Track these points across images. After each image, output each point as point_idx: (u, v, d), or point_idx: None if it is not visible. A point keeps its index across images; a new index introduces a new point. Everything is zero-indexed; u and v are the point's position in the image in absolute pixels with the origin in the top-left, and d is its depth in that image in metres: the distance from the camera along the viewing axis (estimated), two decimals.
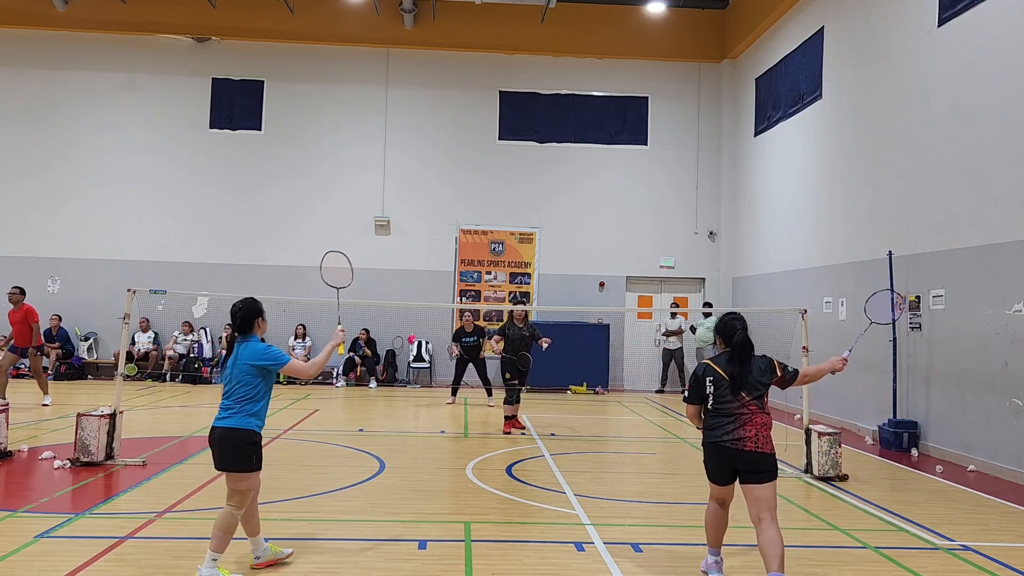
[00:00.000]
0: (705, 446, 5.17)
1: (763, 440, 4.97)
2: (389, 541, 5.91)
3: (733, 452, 4.96)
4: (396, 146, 18.52)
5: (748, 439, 4.94)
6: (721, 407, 5.05)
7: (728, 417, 5.01)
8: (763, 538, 4.86)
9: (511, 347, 11.53)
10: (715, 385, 5.10)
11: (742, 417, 4.99)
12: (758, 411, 5.03)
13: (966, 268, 9.78)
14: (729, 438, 4.97)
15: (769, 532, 4.85)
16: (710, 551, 5.34)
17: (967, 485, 8.53)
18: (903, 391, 10.98)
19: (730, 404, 5.03)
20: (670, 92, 18.88)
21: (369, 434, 10.95)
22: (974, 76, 9.82)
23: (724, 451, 4.99)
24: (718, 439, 5.02)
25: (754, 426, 4.98)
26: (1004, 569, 5.58)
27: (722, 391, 5.06)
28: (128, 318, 8.74)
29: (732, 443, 4.95)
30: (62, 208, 17.88)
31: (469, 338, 14.54)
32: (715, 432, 5.05)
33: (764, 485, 4.92)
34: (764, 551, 4.85)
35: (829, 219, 13.64)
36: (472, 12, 18.04)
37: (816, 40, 14.32)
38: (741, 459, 4.96)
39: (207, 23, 18.06)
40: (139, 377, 16.77)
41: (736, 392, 5.02)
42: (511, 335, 11.57)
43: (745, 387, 5.03)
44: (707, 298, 18.60)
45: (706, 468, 5.23)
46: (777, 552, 4.79)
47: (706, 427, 5.15)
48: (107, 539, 5.65)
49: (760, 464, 4.94)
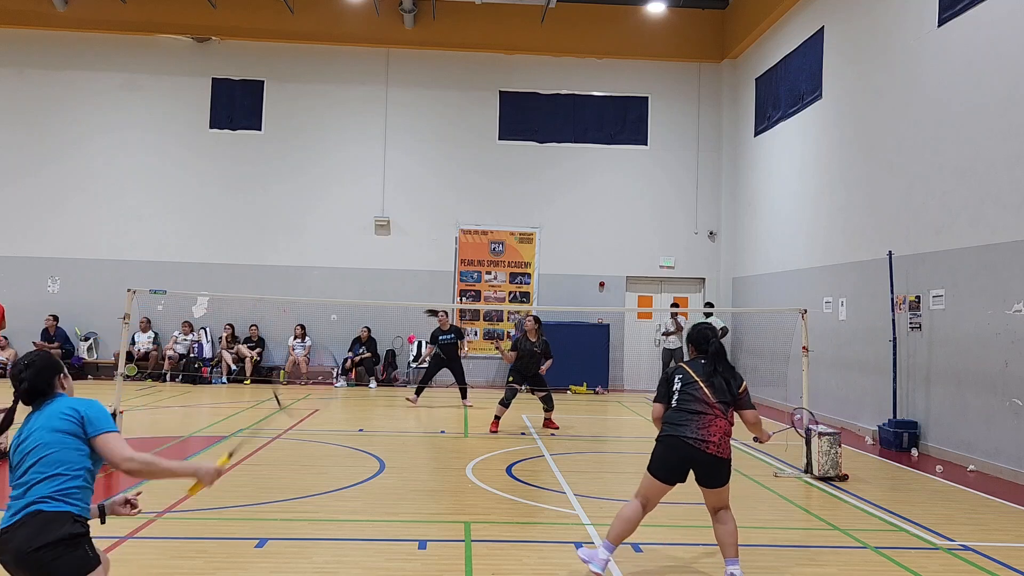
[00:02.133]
0: (663, 439, 5.07)
1: (725, 446, 5.00)
2: (389, 541, 5.90)
3: (695, 451, 4.94)
4: (396, 146, 18.52)
5: (711, 442, 4.95)
6: (687, 405, 5.04)
7: (693, 415, 5.01)
8: (723, 529, 5.03)
9: (522, 362, 11.54)
10: (683, 383, 5.11)
11: (706, 418, 5.00)
12: (722, 416, 5.03)
13: (966, 268, 9.77)
14: (693, 436, 4.95)
15: (728, 523, 5.04)
16: (606, 544, 5.09)
17: (967, 485, 8.53)
18: (903, 391, 10.98)
19: (696, 404, 5.03)
20: (670, 92, 18.88)
21: (369, 434, 10.95)
22: (974, 76, 9.82)
23: (685, 447, 4.95)
24: (681, 434, 4.97)
25: (718, 430, 4.99)
26: (1004, 569, 5.58)
27: (689, 389, 5.07)
28: (128, 318, 8.74)
29: (695, 442, 4.94)
30: (62, 208, 17.88)
31: (446, 336, 14.09)
32: (678, 427, 5.00)
33: (723, 488, 5.05)
34: (723, 540, 5.02)
35: (829, 219, 13.64)
36: (472, 12, 18.04)
37: (816, 40, 14.32)
38: (701, 460, 4.96)
39: (207, 23, 18.06)
40: (139, 377, 16.77)
41: (704, 393, 5.04)
42: (522, 350, 11.59)
43: (714, 390, 5.05)
44: (707, 298, 18.59)
45: (656, 463, 5.09)
46: (735, 541, 5.02)
47: (668, 421, 5.09)
48: (107, 539, 5.64)
49: (717, 467, 4.98)
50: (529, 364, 11.47)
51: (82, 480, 3.20)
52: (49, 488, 3.04)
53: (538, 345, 11.55)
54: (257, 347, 17.55)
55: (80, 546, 3.07)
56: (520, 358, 11.53)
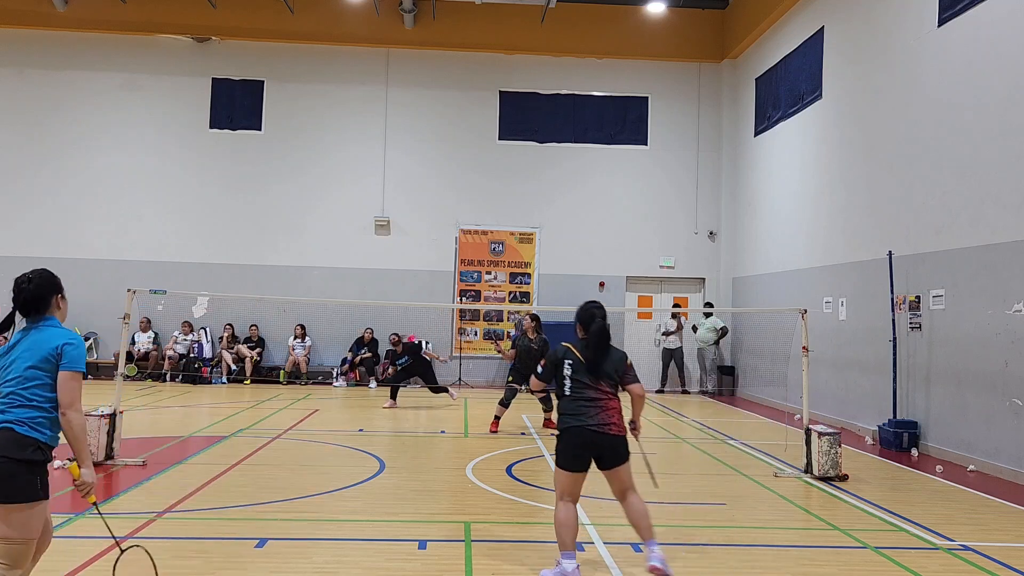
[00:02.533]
0: (567, 431, 5.18)
1: (622, 425, 5.22)
2: (389, 541, 5.91)
3: (600, 436, 5.11)
4: (396, 146, 18.52)
5: (613, 424, 5.15)
6: (581, 393, 5.19)
7: (590, 403, 5.17)
8: (635, 511, 5.16)
9: (521, 362, 11.57)
10: (573, 369, 5.25)
11: (601, 402, 5.18)
12: (614, 396, 5.26)
13: (966, 268, 9.77)
14: (595, 423, 5.11)
15: (638, 505, 5.19)
16: (566, 555, 5.00)
17: (967, 485, 8.53)
18: (903, 391, 10.98)
19: (589, 390, 5.19)
20: (670, 92, 18.88)
21: (369, 434, 10.95)
22: (974, 76, 9.82)
23: (589, 434, 5.10)
24: (583, 424, 5.11)
25: (615, 411, 5.21)
26: (1004, 569, 5.58)
27: (580, 376, 5.22)
28: (128, 318, 8.74)
29: (599, 427, 5.11)
30: (62, 208, 17.88)
31: (401, 360, 13.87)
32: (580, 417, 5.14)
33: (625, 465, 5.20)
34: (638, 523, 5.12)
35: (829, 219, 13.64)
36: (472, 12, 18.04)
37: (816, 40, 14.32)
38: (607, 443, 5.13)
39: (207, 23, 18.06)
40: (139, 377, 16.77)
41: (596, 378, 5.21)
42: (520, 347, 11.64)
43: (602, 375, 5.23)
44: (707, 298, 18.60)
45: (563, 456, 5.17)
46: (649, 522, 5.16)
47: (567, 412, 5.21)
48: (107, 539, 5.63)
49: (620, 447, 5.17)
50: (528, 363, 11.48)
51: (51, 412, 3.54)
52: (24, 415, 3.42)
53: (536, 343, 11.57)
54: (257, 347, 17.56)
55: (36, 472, 3.43)
56: (519, 357, 11.57)
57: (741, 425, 13.00)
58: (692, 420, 13.42)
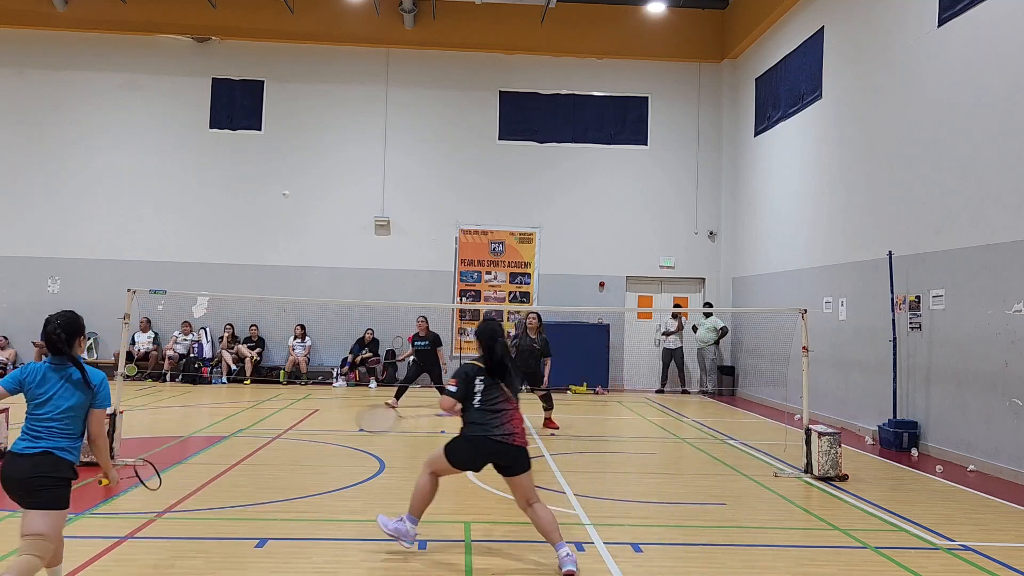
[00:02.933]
0: (471, 439, 5.43)
1: (524, 436, 5.49)
2: (389, 541, 5.90)
3: (503, 447, 5.36)
4: (396, 146, 18.52)
5: (516, 435, 5.41)
6: (491, 405, 5.44)
7: (497, 414, 5.42)
8: (542, 518, 5.32)
9: (521, 358, 11.50)
10: (485, 384, 5.49)
11: (508, 414, 5.46)
12: (517, 408, 5.54)
13: (966, 268, 9.77)
14: (500, 433, 5.37)
15: (544, 513, 5.35)
16: (411, 519, 5.51)
17: (967, 485, 8.52)
18: (903, 391, 10.98)
19: (499, 403, 5.46)
20: (670, 92, 18.88)
21: (369, 434, 10.94)
22: (974, 76, 9.82)
23: (493, 444, 5.36)
24: (488, 433, 5.37)
25: (519, 422, 5.49)
26: (1004, 569, 5.58)
27: (491, 391, 5.49)
28: (128, 318, 8.73)
29: (503, 437, 5.37)
30: (62, 208, 17.88)
31: (421, 342, 13.69)
32: (485, 427, 5.39)
33: (528, 474, 5.42)
34: (545, 529, 5.29)
35: (829, 219, 13.64)
36: (472, 12, 18.04)
37: (816, 40, 14.32)
38: (509, 453, 5.38)
39: (207, 23, 18.06)
40: (139, 377, 16.77)
41: (503, 391, 5.50)
42: (521, 345, 11.59)
43: (511, 388, 5.53)
44: (707, 298, 18.60)
45: (457, 456, 5.47)
46: (556, 526, 5.31)
47: (474, 422, 5.44)
48: (107, 539, 5.65)
49: (522, 456, 5.41)
50: (528, 361, 11.46)
51: (79, 439, 4.40)
52: (64, 442, 4.28)
53: (538, 342, 11.54)
54: (257, 347, 17.56)
55: (66, 487, 4.29)
56: (519, 356, 11.53)
57: (741, 425, 12.99)
58: (692, 420, 13.42)
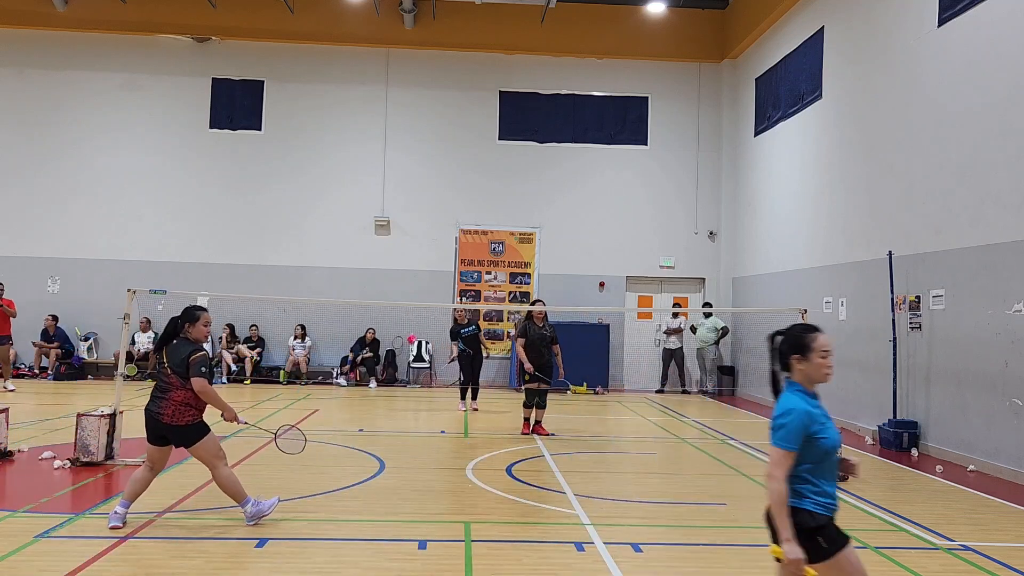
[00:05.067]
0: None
1: (172, 415, 6.04)
2: (389, 541, 5.91)
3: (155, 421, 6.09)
4: (396, 146, 18.52)
5: (164, 413, 6.03)
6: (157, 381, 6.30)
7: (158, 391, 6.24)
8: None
9: (533, 348, 11.09)
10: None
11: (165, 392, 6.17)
12: (179, 388, 6.08)
13: (966, 268, 9.78)
14: (154, 408, 6.08)
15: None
16: (124, 503, 6.01)
17: (967, 485, 8.53)
18: (903, 391, 10.98)
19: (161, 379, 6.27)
20: (670, 92, 18.88)
21: (369, 434, 10.95)
22: (974, 76, 9.82)
23: (148, 416, 6.09)
24: (147, 406, 6.14)
25: (173, 402, 6.05)
26: (1004, 569, 5.58)
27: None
28: (128, 318, 8.74)
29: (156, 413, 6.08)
30: (62, 208, 17.88)
31: (467, 329, 13.65)
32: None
33: (168, 448, 6.21)
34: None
35: (829, 219, 13.65)
36: (472, 12, 18.04)
37: (816, 40, 14.32)
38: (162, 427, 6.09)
39: (207, 23, 18.06)
40: (139, 377, 16.74)
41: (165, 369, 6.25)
42: (532, 335, 11.16)
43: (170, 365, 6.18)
44: (707, 298, 18.60)
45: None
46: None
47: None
48: (107, 539, 5.65)
49: (170, 434, 6.09)
50: (540, 350, 11.12)
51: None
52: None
53: (547, 329, 11.29)
54: (257, 347, 17.56)
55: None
56: (530, 345, 11.11)
57: (741, 425, 13.00)
58: (692, 420, 13.42)
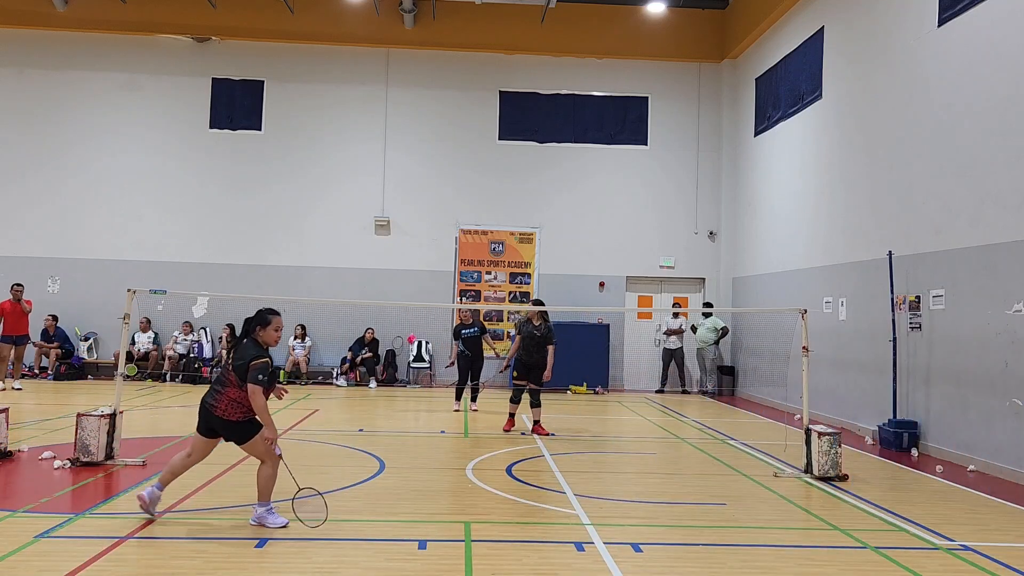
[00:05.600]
0: None
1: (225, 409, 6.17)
2: (389, 541, 5.91)
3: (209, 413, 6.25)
4: (396, 146, 18.52)
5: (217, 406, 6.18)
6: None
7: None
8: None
9: (523, 346, 11.27)
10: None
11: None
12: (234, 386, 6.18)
13: (966, 268, 9.78)
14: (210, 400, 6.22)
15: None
16: (158, 485, 6.22)
17: (967, 485, 8.53)
18: (903, 391, 10.98)
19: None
20: (670, 92, 18.88)
21: (369, 434, 10.95)
22: (974, 76, 9.82)
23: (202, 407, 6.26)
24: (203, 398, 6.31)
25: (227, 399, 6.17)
26: (1004, 569, 5.58)
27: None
28: (128, 318, 8.73)
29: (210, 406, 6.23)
30: (62, 208, 17.88)
31: (469, 330, 13.67)
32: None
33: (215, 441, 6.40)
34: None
35: (829, 219, 13.65)
36: (472, 12, 18.04)
37: (816, 40, 14.32)
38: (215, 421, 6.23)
39: (207, 23, 18.06)
40: (139, 377, 16.77)
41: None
42: (524, 332, 11.29)
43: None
44: (707, 298, 18.60)
45: None
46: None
47: None
48: (107, 539, 5.65)
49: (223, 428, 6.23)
50: (531, 349, 11.24)
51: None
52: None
53: (539, 329, 11.33)
54: None
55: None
56: (522, 344, 11.26)
57: (741, 425, 13.00)
58: (692, 420, 13.42)
